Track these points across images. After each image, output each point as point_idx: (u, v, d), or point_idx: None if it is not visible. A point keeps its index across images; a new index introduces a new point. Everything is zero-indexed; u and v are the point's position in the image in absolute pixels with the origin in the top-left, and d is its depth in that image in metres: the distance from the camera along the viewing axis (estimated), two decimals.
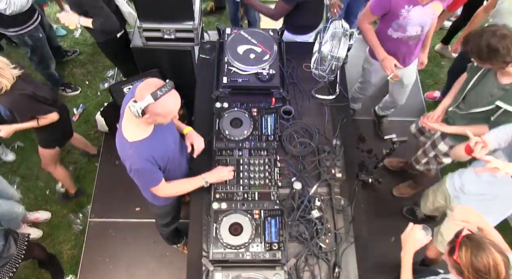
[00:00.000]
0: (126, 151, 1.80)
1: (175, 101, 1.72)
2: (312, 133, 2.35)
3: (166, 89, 1.66)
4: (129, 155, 1.79)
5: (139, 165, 1.80)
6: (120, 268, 3.09)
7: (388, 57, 2.57)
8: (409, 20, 2.45)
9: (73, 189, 3.35)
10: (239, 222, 1.98)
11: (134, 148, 1.78)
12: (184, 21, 2.86)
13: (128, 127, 1.81)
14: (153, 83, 1.67)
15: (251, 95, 2.45)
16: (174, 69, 3.24)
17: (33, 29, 3.24)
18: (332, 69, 2.38)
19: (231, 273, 1.89)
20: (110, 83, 4.00)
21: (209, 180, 2.06)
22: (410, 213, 3.27)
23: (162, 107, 1.67)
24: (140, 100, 1.64)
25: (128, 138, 1.79)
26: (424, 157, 2.78)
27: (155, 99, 1.63)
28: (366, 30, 2.64)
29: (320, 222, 2.06)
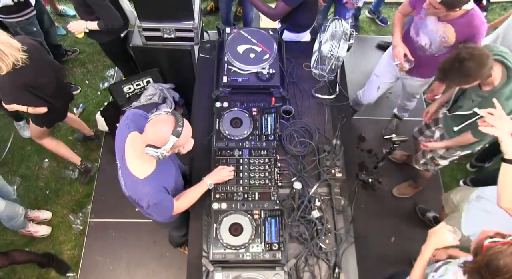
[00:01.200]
0: (140, 189, 1.74)
1: (189, 127, 1.70)
2: (312, 132, 2.35)
3: (181, 121, 1.64)
4: (145, 193, 1.73)
5: (157, 199, 1.75)
6: (120, 268, 3.09)
7: (401, 45, 2.58)
8: (424, 24, 2.44)
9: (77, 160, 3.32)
10: (239, 223, 1.98)
11: (148, 184, 1.73)
12: (184, 20, 2.85)
13: (135, 164, 1.75)
14: (165, 120, 1.62)
15: (251, 94, 2.45)
16: (174, 68, 3.24)
17: (25, 21, 3.20)
18: (332, 68, 2.38)
19: (231, 273, 1.88)
20: (110, 83, 3.99)
21: (212, 182, 2.05)
22: (421, 212, 3.26)
23: (184, 139, 1.67)
24: (161, 143, 1.61)
25: (139, 176, 1.73)
26: (422, 158, 2.79)
27: (179, 136, 1.62)
28: (396, 17, 2.68)
29: (320, 222, 2.05)
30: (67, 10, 4.52)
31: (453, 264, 1.68)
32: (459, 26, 2.31)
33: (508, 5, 4.67)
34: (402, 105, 3.44)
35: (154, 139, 1.61)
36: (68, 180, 3.49)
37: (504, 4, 4.68)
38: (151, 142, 1.61)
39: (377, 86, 3.14)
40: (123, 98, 3.13)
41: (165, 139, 1.60)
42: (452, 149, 2.55)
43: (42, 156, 3.60)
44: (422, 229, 3.20)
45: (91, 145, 3.67)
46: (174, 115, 1.64)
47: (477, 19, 2.27)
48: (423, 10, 2.41)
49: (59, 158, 3.55)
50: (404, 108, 3.45)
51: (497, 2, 4.64)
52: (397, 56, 2.58)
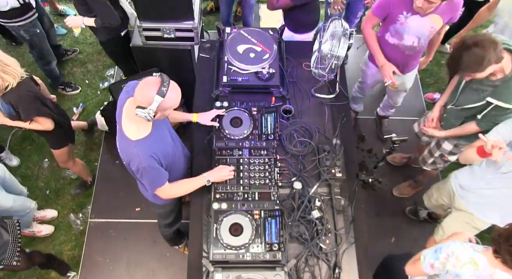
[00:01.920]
0: (131, 150, 1.79)
1: (178, 90, 1.74)
2: (312, 132, 2.34)
3: (167, 82, 1.67)
4: (134, 154, 1.78)
5: (146, 162, 1.79)
6: (121, 268, 3.08)
7: (388, 64, 2.58)
8: (406, 27, 2.45)
9: (90, 177, 3.40)
10: (239, 223, 1.97)
11: (139, 146, 1.78)
12: (184, 20, 2.85)
13: (129, 127, 1.81)
14: (152, 82, 1.66)
15: (251, 94, 2.45)
16: (174, 68, 3.24)
17: (29, 24, 3.22)
18: (332, 68, 2.37)
19: (231, 273, 1.88)
20: (110, 82, 3.99)
21: (211, 179, 2.05)
22: (413, 213, 3.27)
23: (171, 101, 1.70)
24: (147, 103, 1.64)
25: (132, 137, 1.78)
26: (430, 157, 2.78)
27: (163, 96, 1.64)
28: (368, 35, 2.65)
29: (321, 222, 2.05)
30: (67, 10, 4.52)
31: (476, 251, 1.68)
32: (444, 12, 2.39)
33: None
34: (389, 104, 3.44)
35: (142, 100, 1.65)
36: (68, 180, 3.50)
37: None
38: (139, 103, 1.66)
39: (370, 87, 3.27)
40: None
41: (151, 99, 1.63)
42: (460, 143, 2.54)
43: (42, 156, 3.60)
44: (422, 229, 3.21)
45: (91, 145, 3.67)
46: (161, 77, 1.68)
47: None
48: (401, 16, 2.42)
49: None
50: (391, 106, 3.45)
51: None
52: (387, 75, 2.57)
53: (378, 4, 2.53)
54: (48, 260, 2.94)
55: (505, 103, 2.06)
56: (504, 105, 2.06)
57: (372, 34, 2.65)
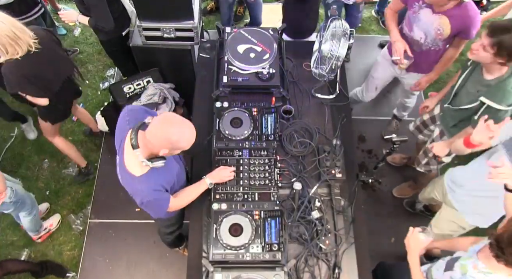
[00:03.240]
0: (134, 186, 1.75)
1: (193, 132, 1.68)
2: (312, 133, 2.34)
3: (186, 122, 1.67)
4: (138, 190, 1.74)
5: (151, 197, 1.75)
6: (120, 268, 3.08)
7: (401, 40, 2.57)
8: (418, 18, 2.45)
9: (83, 163, 3.38)
10: (239, 223, 1.97)
11: (143, 182, 1.73)
12: (184, 20, 2.85)
13: (131, 161, 1.74)
14: (171, 120, 1.65)
15: (251, 94, 2.44)
16: (174, 68, 3.24)
17: (34, 22, 3.22)
18: (332, 68, 2.37)
19: (231, 274, 1.88)
20: (110, 83, 3.99)
21: (212, 181, 2.04)
22: (410, 205, 3.27)
23: (185, 142, 1.66)
24: (159, 141, 1.62)
25: (135, 173, 1.72)
26: (424, 157, 2.77)
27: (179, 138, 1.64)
28: (388, 15, 2.68)
29: (320, 223, 2.05)
30: (67, 9, 4.52)
31: (465, 259, 1.68)
32: (454, 18, 2.33)
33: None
34: (401, 103, 3.43)
35: (154, 138, 1.63)
36: (68, 180, 3.49)
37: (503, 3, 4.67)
38: (150, 138, 1.64)
39: (375, 87, 3.18)
40: (123, 98, 3.13)
41: (164, 140, 1.61)
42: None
43: (42, 156, 3.60)
44: None
45: (91, 145, 3.67)
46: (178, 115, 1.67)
47: (471, 10, 2.30)
48: (416, 4, 2.42)
49: (59, 158, 3.55)
50: (404, 106, 3.43)
51: (497, 2, 4.62)
52: (397, 51, 2.56)
53: None
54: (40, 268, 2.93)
55: (497, 104, 2.03)
56: (496, 106, 2.04)
57: (392, 14, 2.67)
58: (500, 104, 2.03)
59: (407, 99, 3.32)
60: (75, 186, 3.46)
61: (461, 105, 2.26)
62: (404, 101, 3.36)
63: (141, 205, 1.82)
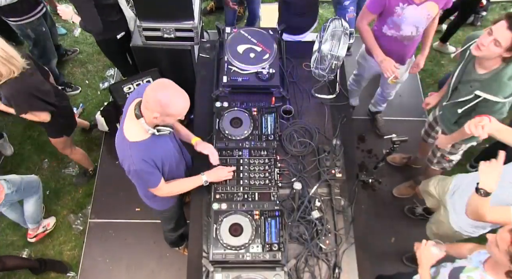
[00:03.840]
0: (125, 150, 1.78)
1: (185, 101, 1.71)
2: (312, 132, 2.34)
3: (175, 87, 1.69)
4: (128, 155, 1.77)
5: (137, 165, 1.77)
6: (120, 268, 3.08)
7: (387, 59, 2.58)
8: (404, 18, 2.46)
9: (91, 166, 3.42)
10: (239, 223, 1.98)
11: (133, 148, 1.76)
12: (184, 20, 2.85)
13: (130, 127, 1.79)
14: (162, 83, 1.68)
15: (251, 94, 2.44)
16: (174, 68, 3.24)
17: (36, 22, 3.23)
18: (332, 68, 2.37)
19: (231, 274, 1.88)
20: (110, 83, 3.99)
21: (209, 179, 2.04)
22: (411, 212, 3.27)
23: (175, 108, 1.67)
24: (152, 104, 1.65)
25: (129, 138, 1.77)
26: (433, 157, 2.78)
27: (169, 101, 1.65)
28: (364, 31, 2.65)
29: (320, 222, 2.05)
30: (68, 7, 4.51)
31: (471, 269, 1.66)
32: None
33: (508, 5, 4.66)
34: (382, 98, 3.45)
35: (147, 100, 1.67)
36: (68, 180, 3.50)
37: (504, 3, 4.68)
38: (144, 102, 1.69)
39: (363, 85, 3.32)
40: (123, 98, 3.13)
41: (156, 100, 1.65)
42: (457, 143, 2.53)
43: (42, 156, 3.60)
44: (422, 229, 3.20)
45: (91, 145, 3.67)
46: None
47: None
48: (397, 8, 2.42)
49: (59, 158, 3.55)
50: (385, 98, 3.45)
51: (497, 2, 4.63)
52: (389, 70, 2.57)
53: (372, 0, 2.51)
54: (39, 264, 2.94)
55: (494, 96, 2.02)
56: (493, 98, 2.03)
57: (368, 29, 2.65)
58: (497, 96, 2.02)
59: (392, 91, 3.33)
60: (75, 186, 3.46)
61: (457, 99, 2.26)
62: (387, 94, 3.37)
63: (128, 174, 1.83)
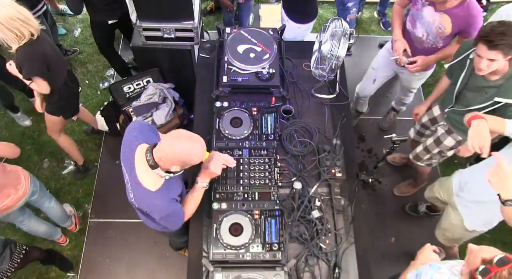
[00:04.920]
0: (153, 201, 1.74)
1: (203, 148, 1.70)
2: (312, 132, 2.34)
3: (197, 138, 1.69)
4: (157, 205, 1.74)
5: (169, 209, 1.76)
6: (120, 268, 3.09)
7: (401, 40, 2.61)
8: (421, 16, 2.47)
9: (81, 160, 3.40)
10: (239, 223, 1.97)
11: (160, 196, 1.73)
12: (184, 20, 2.85)
13: (145, 176, 1.74)
14: (182, 136, 1.67)
15: (251, 94, 2.44)
16: (174, 68, 3.24)
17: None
18: (332, 68, 2.37)
19: (231, 273, 1.88)
20: (110, 82, 4.00)
21: (205, 182, 1.95)
22: (413, 210, 3.27)
23: (195, 158, 1.68)
24: (171, 156, 1.65)
25: (151, 188, 1.72)
26: (426, 154, 2.77)
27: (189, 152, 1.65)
28: (394, 10, 2.71)
29: (320, 222, 2.05)
30: (67, 9, 4.52)
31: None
32: (456, 16, 2.34)
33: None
34: (399, 99, 3.46)
35: (166, 153, 1.66)
36: (68, 180, 3.50)
37: (503, 4, 4.67)
38: (161, 154, 1.66)
39: (373, 79, 3.17)
40: (123, 98, 3.13)
41: (176, 155, 1.64)
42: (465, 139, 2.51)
43: (42, 156, 3.60)
44: (422, 229, 3.21)
45: (91, 145, 3.67)
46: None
47: (473, 9, 2.31)
48: (419, 1, 2.44)
49: (59, 158, 3.55)
50: (401, 102, 3.47)
51: (497, 2, 4.63)
52: (397, 51, 2.61)
53: None
54: (49, 254, 2.94)
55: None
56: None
57: (399, 9, 2.69)
58: None
59: (404, 97, 3.36)
60: (75, 186, 3.46)
61: (471, 106, 2.21)
62: (402, 98, 3.41)
63: (160, 221, 1.81)
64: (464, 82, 2.22)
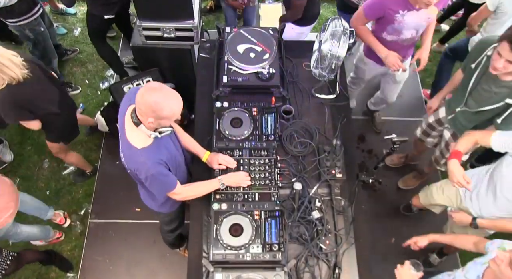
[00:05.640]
0: (137, 158, 1.77)
1: (178, 102, 1.70)
2: (312, 133, 2.34)
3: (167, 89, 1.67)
4: (142, 162, 1.76)
5: (154, 169, 1.77)
6: (120, 268, 3.08)
7: (391, 53, 2.56)
8: (404, 24, 2.46)
9: (89, 168, 3.41)
10: (239, 223, 1.97)
11: (145, 154, 1.76)
12: (183, 20, 2.85)
13: (133, 136, 1.78)
14: (153, 87, 1.66)
15: (251, 94, 2.44)
16: (174, 68, 3.24)
17: (34, 22, 3.23)
18: (332, 68, 2.37)
19: (231, 274, 1.88)
20: (110, 82, 3.99)
21: (226, 183, 2.03)
22: (408, 210, 3.27)
23: (167, 110, 1.66)
24: (145, 108, 1.64)
25: (137, 146, 1.76)
26: (442, 158, 2.77)
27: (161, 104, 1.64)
28: (363, 30, 2.63)
29: (321, 223, 2.04)
30: (67, 9, 4.52)
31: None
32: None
33: None
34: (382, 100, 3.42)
35: (140, 105, 1.67)
36: (68, 180, 3.49)
37: None
38: (138, 109, 1.69)
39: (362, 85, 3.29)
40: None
41: (148, 105, 1.64)
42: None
43: (42, 156, 3.60)
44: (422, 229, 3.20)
45: (91, 145, 3.67)
46: (167, 85, 1.69)
47: None
48: (397, 15, 2.40)
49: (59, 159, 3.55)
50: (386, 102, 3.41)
51: None
52: (395, 64, 2.56)
53: (369, 7, 2.47)
54: (48, 255, 2.95)
55: None
56: None
57: (365, 29, 2.63)
58: None
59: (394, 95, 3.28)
60: (75, 186, 3.46)
61: (481, 107, 2.20)
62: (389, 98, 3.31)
63: (146, 181, 1.83)
64: (476, 81, 2.18)
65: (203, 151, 2.17)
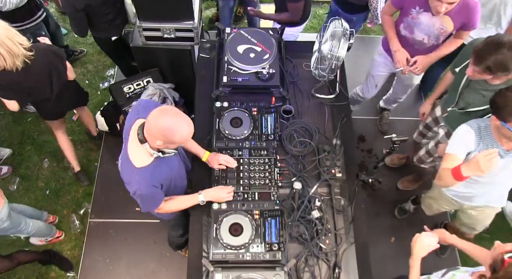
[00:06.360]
0: (132, 176, 1.74)
1: (190, 129, 1.67)
2: (312, 132, 2.34)
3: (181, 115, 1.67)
4: (135, 181, 1.74)
5: (145, 191, 1.75)
6: (120, 268, 3.08)
7: (401, 50, 2.58)
8: (418, 23, 2.46)
9: (76, 167, 3.38)
10: (239, 223, 1.98)
11: (141, 174, 1.73)
12: (184, 20, 2.85)
13: (134, 151, 1.75)
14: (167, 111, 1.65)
15: (251, 94, 2.45)
16: (174, 68, 3.24)
17: (35, 27, 3.23)
18: (332, 68, 2.37)
19: (231, 273, 1.88)
20: (110, 82, 3.99)
21: (205, 199, 2.01)
22: (402, 212, 3.27)
23: (179, 136, 1.64)
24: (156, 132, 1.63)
25: (136, 164, 1.73)
26: (429, 157, 2.77)
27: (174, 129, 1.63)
28: (385, 20, 2.67)
29: (320, 222, 2.05)
30: None
31: (461, 271, 1.66)
32: (455, 13, 2.33)
33: None
34: (393, 98, 3.46)
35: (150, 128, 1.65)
36: (68, 180, 3.49)
37: None
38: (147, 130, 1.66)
39: (375, 85, 3.20)
40: (123, 98, 3.13)
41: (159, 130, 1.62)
42: None
43: (42, 156, 3.60)
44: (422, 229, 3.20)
45: (91, 145, 3.67)
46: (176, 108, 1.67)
47: (471, 2, 2.30)
48: (413, 10, 2.42)
49: (59, 158, 3.55)
50: (396, 100, 3.46)
51: None
52: (400, 62, 2.58)
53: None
54: (47, 255, 2.95)
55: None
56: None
57: (388, 20, 2.66)
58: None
59: (402, 95, 3.35)
60: (75, 186, 3.46)
61: (468, 108, 2.23)
62: (399, 97, 3.39)
63: (133, 195, 1.81)
64: (466, 83, 2.21)
65: (203, 151, 2.17)
